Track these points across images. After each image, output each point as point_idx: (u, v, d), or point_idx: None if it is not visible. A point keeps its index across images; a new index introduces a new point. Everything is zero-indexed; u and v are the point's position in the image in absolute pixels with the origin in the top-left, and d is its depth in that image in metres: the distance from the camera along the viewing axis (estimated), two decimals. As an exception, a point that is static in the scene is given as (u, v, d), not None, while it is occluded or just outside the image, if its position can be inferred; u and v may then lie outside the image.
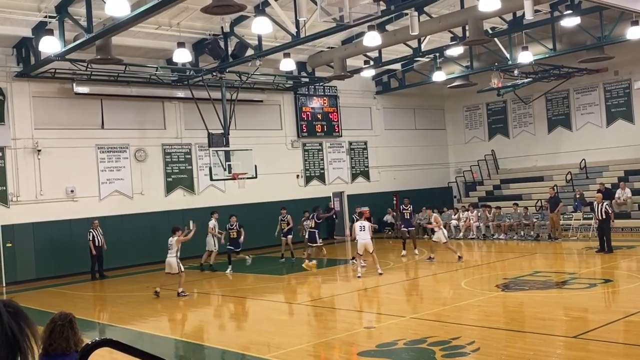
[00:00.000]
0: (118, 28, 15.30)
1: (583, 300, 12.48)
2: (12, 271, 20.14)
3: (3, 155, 20.48)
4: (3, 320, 1.24)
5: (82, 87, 21.55)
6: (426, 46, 22.25)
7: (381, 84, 30.39)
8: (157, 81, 22.91)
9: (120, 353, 2.12)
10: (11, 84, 20.63)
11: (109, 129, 22.66)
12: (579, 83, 28.27)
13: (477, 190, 30.81)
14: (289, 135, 27.55)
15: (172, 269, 15.37)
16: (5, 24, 18.48)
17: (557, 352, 8.90)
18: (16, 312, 1.29)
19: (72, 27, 16.92)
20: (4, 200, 20.40)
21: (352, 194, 29.28)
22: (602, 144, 27.34)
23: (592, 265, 17.28)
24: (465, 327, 10.44)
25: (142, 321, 13.58)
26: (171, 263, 15.36)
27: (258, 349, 10.16)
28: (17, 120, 20.72)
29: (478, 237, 24.78)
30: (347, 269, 18.99)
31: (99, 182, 22.33)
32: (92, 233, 20.23)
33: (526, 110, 30.63)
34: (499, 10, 16.81)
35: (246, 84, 23.95)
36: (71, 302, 15.25)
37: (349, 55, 22.41)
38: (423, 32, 18.92)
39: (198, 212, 23.32)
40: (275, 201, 24.29)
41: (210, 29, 20.47)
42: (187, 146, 24.47)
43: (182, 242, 15.58)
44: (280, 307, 14.28)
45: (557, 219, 22.59)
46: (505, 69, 25.17)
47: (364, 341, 10.06)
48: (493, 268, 17.89)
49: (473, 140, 32.76)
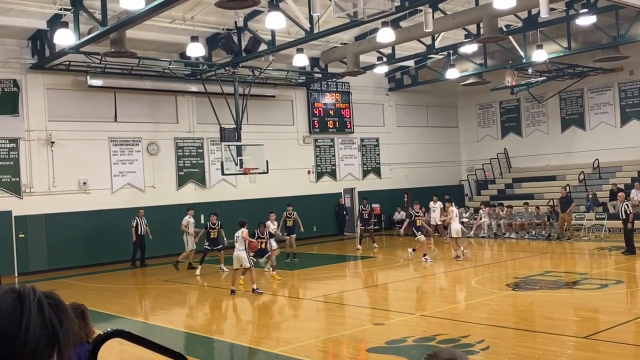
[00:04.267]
0: (132, 21, 15.36)
1: (594, 300, 12.41)
2: (24, 262, 20.30)
3: (17, 146, 20.62)
4: (44, 312, 1.24)
5: (95, 80, 21.65)
6: (440, 43, 22.16)
7: (394, 81, 30.31)
8: (170, 75, 22.97)
9: (130, 344, 2.13)
10: (26, 76, 20.76)
11: (122, 122, 22.76)
12: (594, 82, 28.06)
13: (489, 188, 30.69)
14: (300, 130, 27.55)
15: (244, 264, 14.66)
16: (21, 16, 18.61)
17: (567, 352, 8.86)
18: (57, 305, 1.29)
19: (86, 20, 16.98)
20: (17, 192, 20.55)
21: (363, 191, 29.25)
22: (616, 144, 27.12)
23: (603, 266, 17.19)
24: (474, 326, 10.42)
25: (152, 314, 13.67)
26: (241, 257, 14.63)
27: (267, 343, 10.19)
28: (31, 112, 20.85)
29: (489, 236, 24.70)
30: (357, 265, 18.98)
31: (112, 175, 22.44)
32: (137, 221, 20.67)
33: (539, 109, 30.45)
34: (514, 7, 16.71)
35: (259, 79, 23.96)
36: (83, 294, 15.34)
37: (362, 52, 22.35)
38: (437, 29, 18.84)
39: (209, 207, 23.38)
40: (286, 196, 24.29)
41: (223, 23, 20.49)
42: (199, 140, 24.53)
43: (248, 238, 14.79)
44: (289, 302, 14.31)
45: (569, 219, 22.46)
46: (520, 67, 25.02)
47: (373, 337, 10.06)
48: (504, 267, 17.82)
49: (485, 139, 32.61)
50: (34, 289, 1.28)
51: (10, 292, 1.26)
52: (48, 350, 1.23)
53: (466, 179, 32.29)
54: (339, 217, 28.03)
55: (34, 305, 1.24)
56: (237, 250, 14.72)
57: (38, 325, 1.23)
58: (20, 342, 1.20)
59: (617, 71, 26.88)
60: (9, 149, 20.47)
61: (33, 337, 1.21)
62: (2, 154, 20.36)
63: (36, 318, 1.23)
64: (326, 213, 27.55)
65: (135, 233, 20.66)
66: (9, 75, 20.45)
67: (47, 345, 1.23)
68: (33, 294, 1.26)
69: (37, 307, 1.24)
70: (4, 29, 19.26)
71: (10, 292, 1.26)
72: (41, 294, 1.28)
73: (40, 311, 1.24)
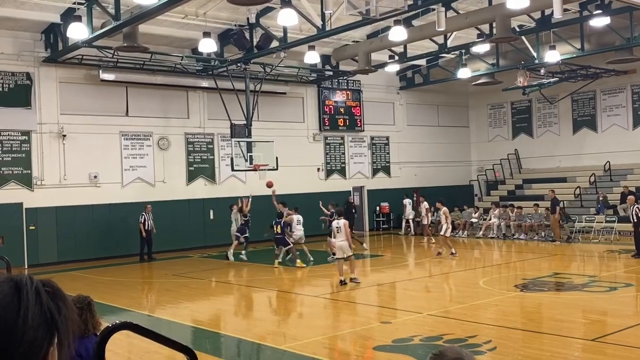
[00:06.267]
0: (145, 16, 15.41)
1: (603, 303, 12.36)
2: (34, 253, 20.44)
3: (29, 139, 20.75)
4: (42, 300, 1.25)
5: (108, 74, 21.75)
6: (452, 42, 22.09)
7: (405, 80, 30.25)
8: (182, 70, 23.04)
9: (137, 337, 2.14)
10: (38, 69, 20.88)
11: (133, 116, 22.85)
12: (606, 84, 27.90)
13: (499, 189, 30.57)
14: (310, 128, 27.55)
15: (347, 252, 14.81)
16: (34, 10, 18.71)
17: (575, 355, 8.83)
18: (54, 293, 1.29)
19: (100, 14, 17.05)
20: (29, 184, 20.68)
21: (372, 189, 29.25)
22: (628, 147, 26.94)
23: (613, 269, 17.09)
24: (482, 326, 10.40)
25: (160, 307, 13.73)
26: (344, 247, 14.77)
27: (274, 339, 10.22)
28: (44, 105, 20.97)
29: (498, 237, 24.62)
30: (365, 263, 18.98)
31: (122, 169, 22.54)
32: (144, 216, 20.76)
33: (551, 110, 30.30)
34: (527, 8, 16.63)
35: (270, 75, 23.98)
36: (91, 287, 15.43)
37: (373, 50, 22.32)
38: (449, 28, 18.79)
39: (219, 202, 23.52)
40: (296, 193, 24.32)
41: (236, 19, 20.52)
42: (210, 136, 24.59)
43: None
44: (297, 299, 14.33)
45: (556, 221, 22.50)
46: (532, 68, 24.91)
47: (380, 336, 10.06)
48: (512, 268, 17.77)
49: (496, 139, 32.50)
50: (31, 278, 1.28)
51: (7, 281, 1.26)
52: (47, 338, 1.23)
53: (476, 179, 32.19)
54: (348, 215, 27.93)
55: (31, 293, 1.24)
56: (339, 240, 14.87)
57: (36, 314, 1.22)
58: (18, 330, 1.20)
59: (630, 73, 26.70)
60: (21, 141, 20.61)
61: (32, 325, 1.21)
62: (15, 146, 20.50)
63: (34, 306, 1.23)
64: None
65: (144, 228, 20.75)
66: (22, 68, 20.58)
67: (46, 333, 1.23)
68: (30, 282, 1.26)
69: (35, 296, 1.24)
70: (17, 22, 19.38)
71: (7, 281, 1.26)
72: (38, 282, 1.28)
73: (38, 299, 1.24)
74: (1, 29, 19.87)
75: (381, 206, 29.21)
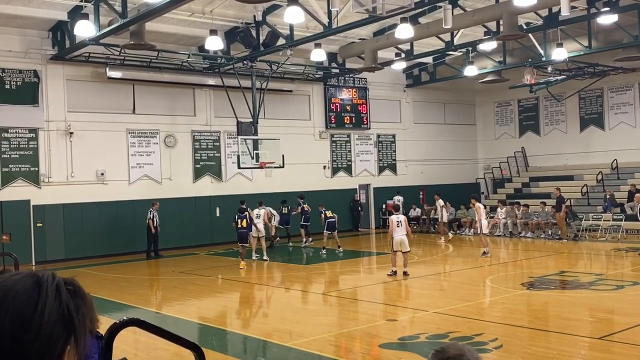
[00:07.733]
0: (152, 14, 15.44)
1: (609, 301, 12.32)
2: (41, 250, 20.53)
3: (36, 136, 20.82)
4: (62, 297, 1.26)
5: (115, 72, 21.79)
6: (459, 40, 22.04)
7: (412, 77, 30.19)
8: (189, 68, 23.07)
9: (144, 333, 2.16)
10: (46, 67, 20.94)
11: (140, 114, 22.90)
12: (614, 82, 27.78)
13: (506, 187, 30.50)
14: (317, 125, 27.55)
15: (404, 248, 15.46)
16: (42, 7, 18.77)
17: (581, 353, 8.81)
18: (75, 291, 1.31)
19: (107, 11, 17.08)
20: (36, 181, 20.77)
21: (379, 187, 29.23)
22: (635, 145, 26.83)
23: (620, 267, 17.04)
24: (488, 324, 10.39)
25: (167, 304, 13.77)
26: (404, 241, 15.45)
27: (280, 336, 10.23)
28: (51, 103, 21.04)
29: (505, 235, 24.57)
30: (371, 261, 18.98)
31: (129, 166, 22.61)
32: (153, 213, 20.81)
33: (558, 107, 30.20)
34: (535, 5, 16.59)
35: (276, 73, 23.99)
36: (98, 284, 15.49)
37: (380, 47, 22.29)
38: (456, 26, 18.74)
39: (225, 200, 23.57)
40: (302, 191, 24.32)
41: (242, 17, 20.52)
42: (216, 133, 24.62)
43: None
44: (303, 296, 14.35)
45: (562, 219, 22.41)
46: (539, 66, 24.82)
47: (386, 333, 10.07)
48: (519, 266, 17.74)
49: (503, 137, 32.42)
50: (53, 275, 1.29)
51: (29, 276, 1.28)
52: (64, 335, 1.24)
53: (483, 177, 32.12)
54: (354, 213, 28.03)
55: (51, 290, 1.25)
56: (399, 235, 15.45)
57: (54, 310, 1.24)
58: (35, 325, 1.21)
59: (638, 71, 26.57)
60: (28, 138, 20.69)
61: (48, 321, 1.22)
62: (22, 143, 20.58)
63: (52, 303, 1.24)
64: (341, 209, 27.51)
65: (152, 225, 20.86)
66: (29, 66, 20.65)
67: (62, 330, 1.24)
68: (52, 279, 1.28)
69: (54, 292, 1.25)
70: (25, 19, 19.45)
71: (29, 276, 1.28)
72: (60, 280, 1.30)
73: (57, 296, 1.25)
74: (9, 26, 19.95)
75: (387, 204, 29.15)
